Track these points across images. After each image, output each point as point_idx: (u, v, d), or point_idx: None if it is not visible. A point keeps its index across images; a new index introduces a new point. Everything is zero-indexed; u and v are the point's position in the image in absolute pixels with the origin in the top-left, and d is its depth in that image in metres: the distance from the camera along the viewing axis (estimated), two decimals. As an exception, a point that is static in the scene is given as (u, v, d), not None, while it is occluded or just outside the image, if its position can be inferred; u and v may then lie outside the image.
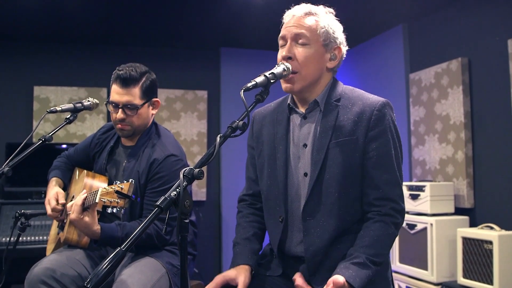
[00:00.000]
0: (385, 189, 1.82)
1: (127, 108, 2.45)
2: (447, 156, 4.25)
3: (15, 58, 5.35)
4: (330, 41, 1.88)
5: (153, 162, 2.46)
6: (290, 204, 1.91)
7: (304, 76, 1.85)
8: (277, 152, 1.95)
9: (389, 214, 1.81)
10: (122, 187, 2.01)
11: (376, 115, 1.83)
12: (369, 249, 1.74)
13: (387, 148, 1.83)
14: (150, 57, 5.58)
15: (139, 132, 2.56)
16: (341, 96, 1.91)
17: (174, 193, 1.36)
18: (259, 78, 1.67)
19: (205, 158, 1.49)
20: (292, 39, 1.86)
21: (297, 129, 1.94)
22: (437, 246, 3.84)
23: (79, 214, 2.12)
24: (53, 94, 5.33)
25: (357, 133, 1.83)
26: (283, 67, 1.78)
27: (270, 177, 1.97)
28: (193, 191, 5.50)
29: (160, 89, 5.69)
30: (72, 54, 5.48)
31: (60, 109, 2.37)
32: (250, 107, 1.61)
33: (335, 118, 1.86)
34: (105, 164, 2.58)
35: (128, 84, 2.44)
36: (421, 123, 4.60)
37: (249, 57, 5.83)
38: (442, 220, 3.90)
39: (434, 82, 4.42)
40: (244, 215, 2.10)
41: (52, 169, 2.73)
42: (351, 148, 1.82)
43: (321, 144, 1.84)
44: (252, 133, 2.11)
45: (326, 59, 1.90)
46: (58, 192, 2.51)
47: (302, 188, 1.88)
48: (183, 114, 5.72)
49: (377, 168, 1.82)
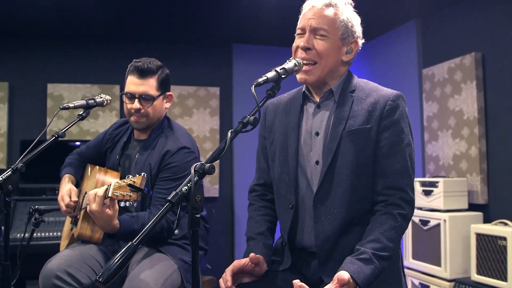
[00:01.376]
0: (394, 178, 1.82)
1: (143, 99, 2.48)
2: (460, 151, 4.22)
3: (29, 56, 5.39)
4: (348, 35, 1.91)
5: (166, 153, 2.48)
6: (301, 191, 1.92)
7: (322, 67, 1.87)
8: (289, 140, 1.96)
9: (396, 204, 1.81)
10: (134, 180, 2.02)
11: (389, 105, 1.84)
12: (375, 243, 1.74)
13: (399, 138, 1.83)
14: (162, 53, 5.50)
15: (153, 125, 2.58)
16: (355, 87, 1.93)
17: (185, 188, 1.36)
18: (270, 73, 1.68)
19: (216, 153, 1.48)
20: (311, 31, 1.87)
21: (310, 117, 1.96)
22: (450, 242, 3.82)
23: (101, 206, 2.14)
24: (66, 91, 5.36)
25: (370, 122, 1.84)
26: (294, 62, 1.78)
27: (282, 165, 1.98)
28: (205, 187, 5.54)
29: (173, 86, 5.65)
30: (85, 52, 5.51)
31: (73, 106, 2.39)
32: (261, 102, 1.61)
33: (349, 108, 1.87)
34: (118, 159, 2.60)
35: (146, 74, 2.48)
36: (434, 118, 4.57)
37: (261, 53, 5.81)
38: (455, 216, 3.88)
39: (447, 77, 4.39)
40: (256, 208, 2.10)
41: (65, 166, 2.76)
42: (364, 137, 1.83)
43: (335, 133, 1.85)
44: (265, 123, 2.13)
45: (342, 52, 1.91)
46: (71, 188, 2.54)
47: (313, 176, 1.89)
48: (195, 111, 5.73)
49: (387, 157, 1.83)
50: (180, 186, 1.38)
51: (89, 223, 2.39)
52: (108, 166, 2.67)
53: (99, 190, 2.14)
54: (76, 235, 2.41)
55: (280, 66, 1.73)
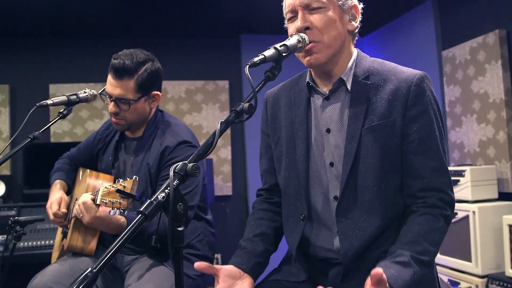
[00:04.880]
0: (430, 178, 1.55)
1: (120, 101, 2.24)
2: (487, 137, 3.93)
3: (29, 56, 5.22)
4: (346, 0, 1.63)
5: (165, 149, 2.25)
6: (313, 198, 1.66)
7: (328, 43, 1.59)
8: (297, 139, 1.70)
9: (436, 206, 1.54)
10: (124, 185, 1.79)
11: (414, 91, 1.57)
12: (415, 245, 1.47)
13: (430, 129, 1.56)
14: (168, 48, 5.39)
15: (137, 126, 2.35)
16: (370, 72, 1.64)
17: (162, 195, 1.10)
18: (268, 51, 1.43)
19: (202, 150, 1.25)
20: (303, 8, 1.59)
21: (319, 111, 1.69)
22: (481, 235, 3.56)
23: (93, 214, 1.93)
24: (69, 92, 5.13)
25: (393, 114, 1.56)
26: (297, 38, 1.52)
27: (289, 168, 1.72)
28: (217, 185, 5.32)
29: (180, 81, 5.60)
30: (88, 49, 5.32)
31: (52, 103, 2.16)
32: (258, 86, 1.37)
33: (366, 99, 1.60)
34: (112, 161, 2.38)
35: (122, 76, 2.21)
36: (457, 103, 4.28)
37: (271, 43, 5.41)
38: (485, 207, 3.62)
39: (470, 58, 4.10)
40: (255, 212, 1.87)
41: (54, 171, 2.55)
42: (387, 132, 1.56)
43: (353, 131, 1.58)
44: (267, 118, 1.86)
45: (345, 21, 1.64)
46: (61, 197, 2.33)
47: (330, 181, 1.63)
48: (204, 106, 5.52)
49: (419, 153, 1.56)
50: (157, 193, 1.12)
51: (80, 233, 2.17)
52: (100, 169, 2.45)
53: (85, 197, 1.92)
54: (66, 246, 2.19)
55: (281, 43, 1.47)
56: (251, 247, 1.72)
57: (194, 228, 2.35)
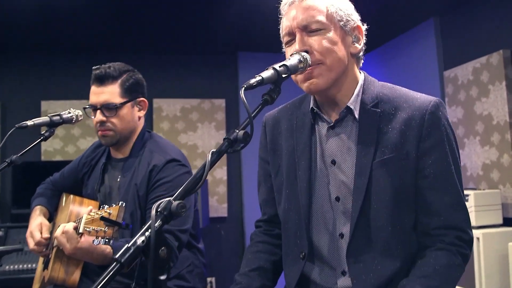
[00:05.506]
0: (446, 215, 1.42)
1: (106, 108, 2.13)
2: (491, 160, 3.81)
3: (21, 72, 5.13)
4: (347, 20, 1.49)
5: (153, 168, 2.12)
6: (316, 235, 1.52)
7: (330, 66, 1.45)
8: (298, 169, 1.56)
9: (454, 244, 1.41)
10: (110, 211, 1.65)
11: (429, 120, 1.43)
12: (429, 280, 1.34)
13: (446, 162, 1.43)
14: (164, 65, 5.31)
15: (126, 139, 2.21)
16: (379, 98, 1.51)
17: (142, 239, 0.95)
18: (266, 72, 1.29)
19: (190, 185, 1.06)
20: (301, 30, 1.46)
21: (323, 140, 1.55)
22: (485, 262, 3.43)
23: (75, 243, 1.78)
24: (61, 109, 5.02)
25: (406, 146, 1.43)
26: (299, 57, 1.38)
27: (289, 200, 1.57)
28: (212, 206, 5.18)
29: (175, 99, 5.49)
30: (80, 66, 5.16)
31: (32, 124, 2.02)
32: (254, 111, 1.23)
33: (376, 129, 1.46)
34: (98, 185, 2.24)
35: (104, 81, 2.13)
36: (459, 124, 4.17)
37: (269, 61, 5.24)
38: (490, 233, 3.51)
39: (473, 79, 3.99)
40: (253, 244, 1.71)
41: (35, 197, 2.39)
42: (400, 166, 1.43)
43: (362, 164, 1.45)
44: (266, 143, 1.71)
45: (348, 43, 1.50)
46: (42, 223, 2.17)
47: (335, 217, 1.49)
48: (200, 125, 5.40)
49: (435, 189, 1.42)
50: (136, 237, 0.97)
51: (62, 263, 2.01)
52: (86, 194, 2.30)
53: (67, 226, 1.78)
54: (47, 278, 2.03)
55: (280, 63, 1.34)
56: (246, 283, 1.58)
57: (185, 258, 2.20)
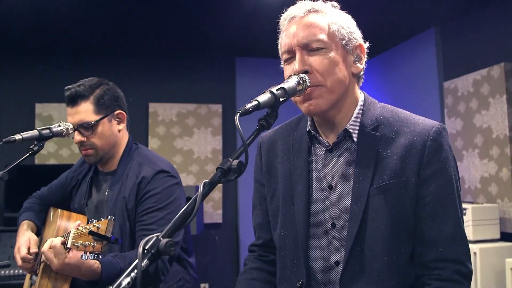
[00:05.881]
0: (445, 247, 1.36)
1: (82, 128, 2.08)
2: (489, 174, 3.77)
3: (15, 74, 5.06)
4: (350, 38, 1.43)
5: (141, 181, 2.07)
6: (312, 263, 1.46)
7: (331, 88, 1.39)
8: (295, 194, 1.50)
9: (452, 279, 1.35)
10: (98, 226, 1.59)
11: (430, 147, 1.37)
12: None
13: (447, 191, 1.37)
14: (160, 69, 5.24)
15: (109, 154, 2.17)
16: (379, 121, 1.45)
17: (127, 280, 0.90)
18: (263, 96, 1.22)
19: (179, 220, 0.99)
20: (301, 48, 1.40)
21: (320, 164, 1.49)
22: (482, 278, 3.40)
23: (63, 259, 1.71)
24: (56, 111, 5.00)
25: (406, 173, 1.37)
26: (297, 80, 1.32)
27: (285, 227, 1.52)
28: (207, 212, 5.13)
29: (171, 104, 5.43)
30: (75, 68, 5.13)
31: (20, 138, 1.95)
32: (250, 138, 1.17)
33: (374, 153, 1.41)
34: (85, 199, 2.19)
35: (75, 101, 2.10)
36: (458, 136, 4.12)
37: (266, 67, 5.36)
38: (487, 248, 3.47)
39: (473, 91, 3.95)
40: (247, 270, 1.65)
41: (22, 211, 2.33)
42: (399, 194, 1.37)
43: (359, 190, 1.39)
44: (261, 165, 1.65)
45: (349, 63, 1.44)
46: (30, 238, 2.11)
47: (331, 244, 1.44)
48: (196, 130, 5.34)
49: (434, 218, 1.37)
50: (122, 277, 0.91)
51: (50, 279, 1.95)
52: (73, 208, 2.24)
53: (55, 241, 1.72)
54: None
55: (277, 85, 1.28)
56: None
57: (175, 272, 2.15)
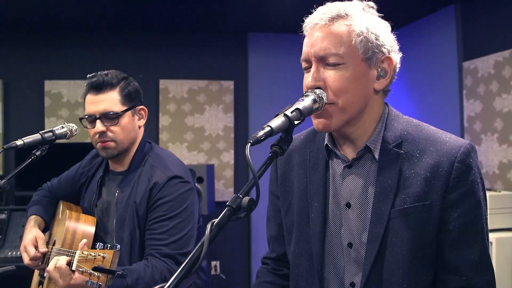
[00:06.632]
0: (469, 275, 1.29)
1: (106, 118, 2.01)
2: (508, 160, 3.66)
3: (24, 50, 4.96)
4: (374, 52, 1.31)
5: (153, 186, 2.02)
6: (327, 284, 1.40)
7: (343, 108, 1.30)
8: (311, 211, 1.43)
9: None
10: (104, 255, 1.53)
11: (458, 169, 1.28)
12: None
13: (474, 216, 1.29)
14: (171, 45, 5.13)
15: (126, 151, 2.10)
16: (403, 137, 1.36)
17: None
18: (276, 120, 1.13)
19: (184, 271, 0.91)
20: (318, 61, 1.31)
21: (338, 180, 1.41)
22: (497, 268, 3.30)
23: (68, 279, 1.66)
24: (65, 89, 4.93)
25: (430, 196, 1.29)
26: (313, 97, 1.23)
27: (300, 245, 1.45)
28: (219, 190, 5.10)
29: (182, 80, 5.32)
30: (85, 45, 5.04)
31: (22, 144, 1.88)
32: (260, 169, 1.09)
33: (397, 173, 1.32)
34: (95, 200, 2.13)
35: (103, 88, 2.02)
36: (476, 119, 4.00)
37: (280, 42, 5.28)
38: (504, 238, 3.36)
39: (494, 72, 3.80)
40: (259, 284, 1.60)
41: (31, 204, 2.30)
42: (422, 218, 1.29)
43: (379, 211, 1.31)
44: (277, 177, 1.58)
45: (371, 79, 1.33)
46: (37, 236, 2.07)
47: (346, 265, 1.37)
48: (207, 107, 5.24)
49: (458, 245, 1.29)
50: None
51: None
52: (83, 207, 2.20)
53: (60, 261, 1.66)
54: None
55: (291, 107, 1.18)
56: None
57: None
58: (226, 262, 5.22)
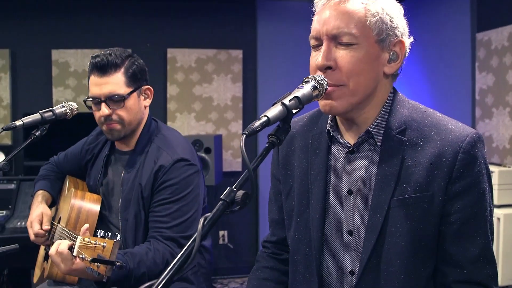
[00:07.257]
0: (471, 268, 1.26)
1: (111, 100, 1.99)
2: (519, 134, 3.61)
3: (32, 18, 4.88)
4: (388, 34, 1.27)
5: (159, 169, 2.00)
6: (326, 271, 1.39)
7: (353, 90, 1.26)
8: (311, 197, 1.40)
9: None
10: (104, 244, 1.53)
11: (462, 160, 1.24)
12: None
13: (477, 208, 1.25)
14: (178, 13, 5.03)
15: (132, 132, 2.08)
16: (407, 124, 1.31)
17: None
18: (273, 109, 1.09)
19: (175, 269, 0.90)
20: (330, 39, 1.25)
21: (340, 166, 1.38)
22: (504, 244, 3.29)
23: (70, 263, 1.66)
24: (72, 58, 4.88)
25: (432, 186, 1.25)
26: (313, 84, 1.18)
27: (299, 230, 1.43)
28: (227, 160, 5.10)
29: (190, 49, 5.25)
30: (92, 13, 4.96)
31: (21, 124, 1.87)
32: (255, 161, 1.05)
33: (399, 160, 1.28)
34: (101, 178, 2.13)
35: (108, 70, 1.97)
36: (488, 92, 3.92)
37: (289, 10, 5.19)
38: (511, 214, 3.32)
39: (508, 45, 3.71)
40: (259, 269, 1.59)
41: (38, 179, 2.31)
42: (423, 209, 1.25)
43: (379, 199, 1.28)
44: (278, 159, 1.55)
45: (382, 62, 1.29)
46: (43, 212, 2.09)
47: (346, 253, 1.36)
48: (215, 77, 5.18)
49: (460, 237, 1.26)
50: None
51: None
52: (88, 185, 2.21)
53: (62, 246, 1.66)
54: (46, 274, 1.97)
55: (290, 94, 1.14)
56: None
57: None
58: (234, 231, 5.26)
